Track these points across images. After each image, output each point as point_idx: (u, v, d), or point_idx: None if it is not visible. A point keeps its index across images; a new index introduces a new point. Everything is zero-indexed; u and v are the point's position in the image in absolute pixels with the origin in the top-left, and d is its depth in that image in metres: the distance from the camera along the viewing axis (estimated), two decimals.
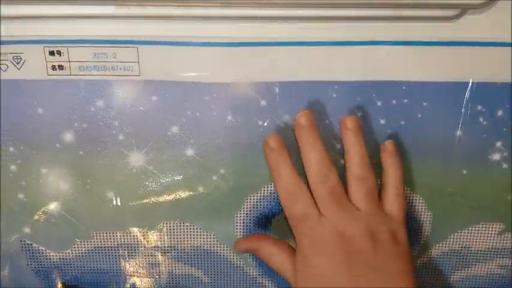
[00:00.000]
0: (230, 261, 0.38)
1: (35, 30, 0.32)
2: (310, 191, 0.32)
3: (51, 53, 0.32)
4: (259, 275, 0.38)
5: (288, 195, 0.32)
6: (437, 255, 0.38)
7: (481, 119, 0.34)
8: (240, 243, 0.36)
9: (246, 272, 0.38)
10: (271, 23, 0.32)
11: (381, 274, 0.30)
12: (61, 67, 0.32)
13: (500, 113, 0.34)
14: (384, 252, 0.31)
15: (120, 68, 0.33)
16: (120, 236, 0.37)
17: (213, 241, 0.37)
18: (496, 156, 0.35)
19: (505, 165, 0.35)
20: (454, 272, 0.38)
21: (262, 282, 0.38)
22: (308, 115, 0.32)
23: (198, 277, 0.38)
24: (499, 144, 0.35)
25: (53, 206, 0.36)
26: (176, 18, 0.32)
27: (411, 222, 0.36)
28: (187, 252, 0.37)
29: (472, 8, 0.31)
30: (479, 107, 0.34)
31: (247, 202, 0.36)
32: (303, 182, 0.32)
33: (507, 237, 0.37)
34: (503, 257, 0.37)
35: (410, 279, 0.31)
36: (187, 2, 0.31)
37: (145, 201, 0.36)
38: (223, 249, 0.37)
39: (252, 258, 0.38)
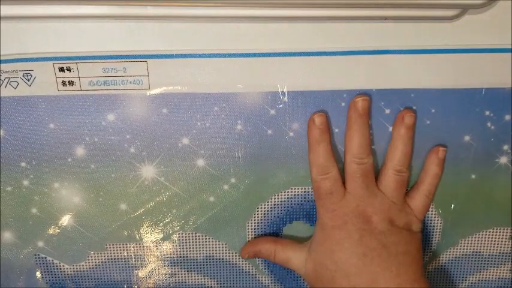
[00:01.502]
0: (242, 270, 0.38)
1: (43, 47, 0.32)
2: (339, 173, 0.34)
3: (61, 70, 0.32)
4: (271, 282, 0.38)
5: (320, 170, 0.33)
6: (448, 260, 0.38)
7: (488, 124, 0.34)
8: (243, 251, 0.37)
9: (259, 280, 0.38)
10: (279, 32, 0.32)
11: (391, 253, 0.32)
12: (71, 83, 0.33)
13: (507, 117, 0.34)
14: (397, 235, 0.33)
15: (130, 82, 0.33)
16: (133, 247, 0.37)
17: (225, 250, 0.37)
18: (504, 160, 0.35)
19: None
20: (465, 277, 0.38)
21: None
22: (366, 102, 0.33)
23: (211, 286, 0.39)
24: (506, 147, 0.35)
25: (66, 220, 0.36)
26: (181, 20, 0.31)
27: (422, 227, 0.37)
28: (200, 262, 0.38)
29: (472, 7, 0.31)
30: (487, 112, 0.34)
31: (258, 211, 0.36)
32: (336, 163, 0.34)
33: None
34: None
35: (418, 263, 0.33)
36: (195, 2, 0.30)
37: (157, 212, 0.36)
38: (236, 258, 0.38)
39: (264, 265, 0.38)
